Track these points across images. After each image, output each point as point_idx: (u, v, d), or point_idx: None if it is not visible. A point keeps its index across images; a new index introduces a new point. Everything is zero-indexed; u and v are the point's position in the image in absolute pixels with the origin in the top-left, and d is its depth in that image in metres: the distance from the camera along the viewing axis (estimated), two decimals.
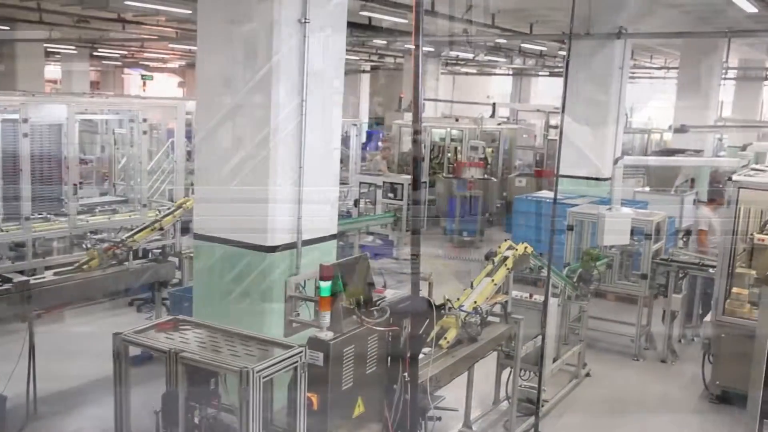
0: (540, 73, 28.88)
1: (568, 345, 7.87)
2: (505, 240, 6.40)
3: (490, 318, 5.93)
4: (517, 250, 6.17)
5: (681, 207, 12.92)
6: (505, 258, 6.12)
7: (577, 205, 10.87)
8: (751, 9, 9.86)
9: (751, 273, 7.47)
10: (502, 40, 17.86)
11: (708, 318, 7.25)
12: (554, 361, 7.34)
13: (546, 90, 30.19)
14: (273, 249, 5.51)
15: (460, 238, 14.25)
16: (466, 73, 28.17)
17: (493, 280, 5.82)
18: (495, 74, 31.12)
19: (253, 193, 5.51)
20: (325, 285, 3.58)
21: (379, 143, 22.20)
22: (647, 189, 13.40)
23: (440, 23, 14.37)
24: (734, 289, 7.21)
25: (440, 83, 27.01)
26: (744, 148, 7.55)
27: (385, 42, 18.36)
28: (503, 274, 5.95)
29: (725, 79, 24.71)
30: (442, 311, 4.90)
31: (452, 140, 16.62)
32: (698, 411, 7.20)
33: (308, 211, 5.69)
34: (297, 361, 3.28)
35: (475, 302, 5.53)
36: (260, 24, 5.37)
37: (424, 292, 4.72)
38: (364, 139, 28.69)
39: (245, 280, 5.47)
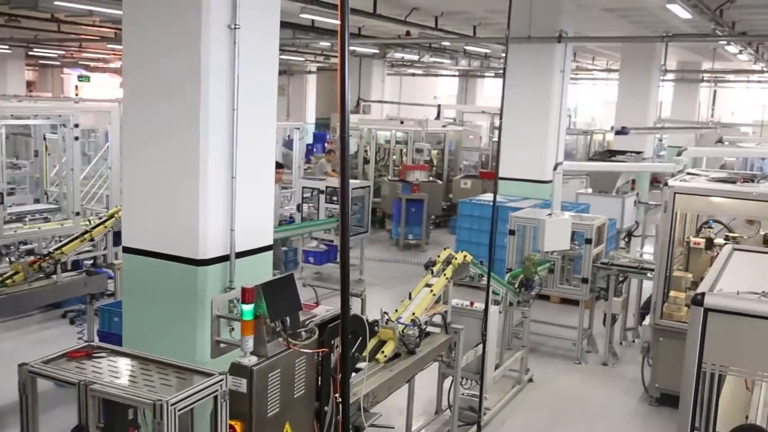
0: (486, 75, 29.09)
1: (511, 350, 7.88)
2: (445, 248, 6.33)
3: (430, 328, 5.85)
4: (456, 258, 6.09)
5: (622, 208, 13.14)
6: (445, 267, 6.04)
7: (520, 208, 10.92)
8: (686, 15, 10.04)
9: (688, 276, 7.58)
10: (446, 43, 17.88)
11: (646, 322, 7.31)
12: (497, 367, 7.32)
13: (492, 91, 30.43)
14: (204, 262, 5.30)
15: (406, 241, 14.20)
16: (413, 74, 28.19)
17: (431, 291, 5.73)
18: (442, 75, 31.27)
19: (183, 203, 5.30)
20: (248, 308, 3.42)
21: (326, 145, 22.01)
22: (590, 191, 13.54)
23: (384, 25, 14.32)
24: (672, 293, 7.29)
25: (387, 85, 27.03)
26: (680, 153, 7.62)
27: (329, 44, 18.17)
28: (442, 283, 5.87)
29: (664, 81, 25.35)
30: (376, 327, 4.77)
31: (397, 142, 16.55)
32: (638, 414, 7.26)
33: (242, 222, 5.50)
34: (217, 390, 3.11)
35: (414, 314, 5.43)
36: (188, 29, 5.16)
37: (358, 308, 4.59)
38: (311, 141, 28.56)
39: (174, 296, 5.25)
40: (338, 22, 3.47)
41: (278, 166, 11.10)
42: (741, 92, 31.89)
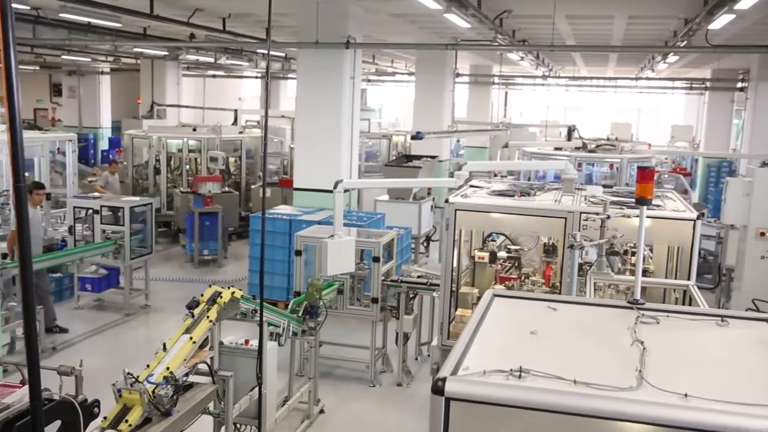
0: (289, 77, 28.51)
1: (303, 377, 7.41)
2: (210, 285, 5.65)
3: (196, 378, 5.17)
4: (222, 297, 5.45)
5: (419, 213, 13.18)
6: (210, 306, 5.38)
7: (313, 222, 10.49)
8: (465, 24, 10.11)
9: (474, 292, 7.50)
10: (234, 46, 17.08)
11: (435, 342, 7.12)
12: (285, 402, 6.82)
13: (294, 93, 29.90)
14: None
15: (201, 257, 13.30)
16: (214, 76, 26.94)
17: (191, 338, 5.05)
18: (246, 77, 30.23)
19: None
20: None
21: (117, 154, 20.35)
22: (386, 198, 13.44)
23: (172, 26, 13.28)
24: (458, 311, 7.15)
25: (190, 87, 25.60)
26: (460, 167, 7.50)
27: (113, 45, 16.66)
28: (204, 328, 5.20)
29: (457, 84, 26.26)
30: (96, 409, 3.98)
31: (191, 151, 15.51)
32: None
33: None
34: None
35: (168, 369, 4.72)
36: None
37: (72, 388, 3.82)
38: (107, 146, 26.41)
39: None
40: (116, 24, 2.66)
41: (36, 186, 9.84)
42: (528, 94, 34.05)
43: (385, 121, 32.78)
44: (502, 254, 7.64)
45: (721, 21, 8.73)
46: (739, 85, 21.81)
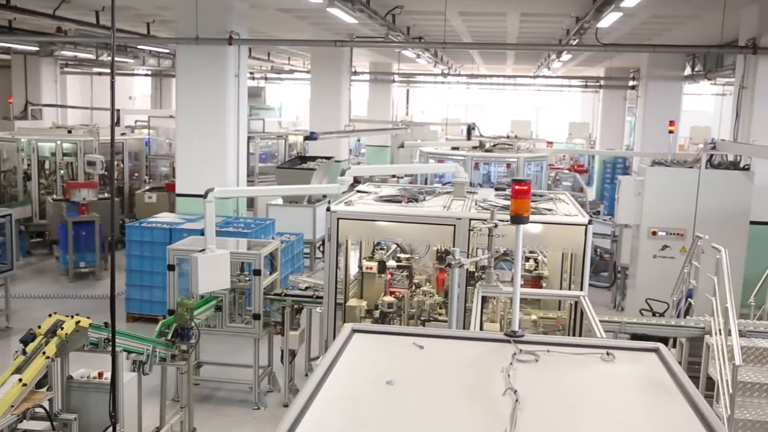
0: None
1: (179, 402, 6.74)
2: (51, 314, 4.91)
3: (31, 425, 4.45)
4: (63, 329, 4.73)
5: (314, 217, 12.62)
6: (48, 339, 4.66)
7: (197, 231, 9.77)
8: (351, 20, 9.63)
9: (362, 304, 7.00)
10: (108, 41, 15.95)
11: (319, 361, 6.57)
12: None
13: None
14: None
15: (77, 270, 12.26)
16: (100, 74, 25.39)
17: (20, 380, 4.31)
18: (137, 74, 28.73)
19: None
20: None
21: None
22: (280, 202, 12.81)
23: (40, 20, 12.18)
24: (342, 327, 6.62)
25: (75, 85, 24.05)
26: (343, 172, 7.00)
27: None
28: (39, 366, 4.48)
29: (359, 81, 25.85)
30: None
31: (65, 155, 14.35)
32: None
33: None
34: None
35: None
36: None
37: None
38: None
39: None
40: None
41: None
42: (430, 92, 34.03)
43: (285, 120, 31.99)
44: (392, 263, 7.18)
45: (609, 19, 8.61)
46: (631, 83, 22.36)
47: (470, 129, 16.06)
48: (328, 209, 6.25)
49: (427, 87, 32.21)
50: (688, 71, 18.25)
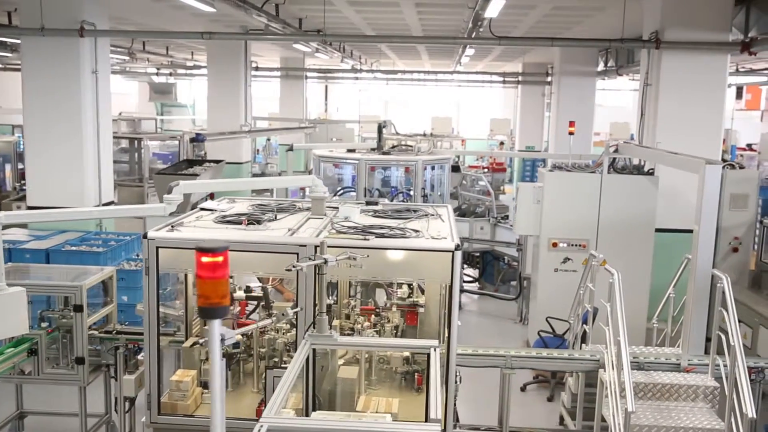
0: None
1: None
2: None
3: None
4: None
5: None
6: None
7: (41, 251, 8.53)
8: (210, 9, 8.50)
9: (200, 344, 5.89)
10: None
11: (143, 419, 5.45)
12: None
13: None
14: None
15: None
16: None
17: None
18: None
19: None
20: None
21: None
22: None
23: None
24: (177, 374, 5.50)
25: None
26: (170, 190, 5.88)
27: None
28: None
29: (269, 77, 24.59)
30: None
31: None
32: None
33: None
34: None
35: None
36: None
37: None
38: None
39: None
40: None
41: None
42: (349, 89, 32.96)
43: (199, 118, 30.43)
44: (240, 294, 6.09)
45: (494, 8, 7.73)
46: (549, 78, 21.84)
47: (381, 127, 15.05)
48: (144, 236, 5.12)
49: (346, 83, 31.14)
50: (601, 67, 17.72)
